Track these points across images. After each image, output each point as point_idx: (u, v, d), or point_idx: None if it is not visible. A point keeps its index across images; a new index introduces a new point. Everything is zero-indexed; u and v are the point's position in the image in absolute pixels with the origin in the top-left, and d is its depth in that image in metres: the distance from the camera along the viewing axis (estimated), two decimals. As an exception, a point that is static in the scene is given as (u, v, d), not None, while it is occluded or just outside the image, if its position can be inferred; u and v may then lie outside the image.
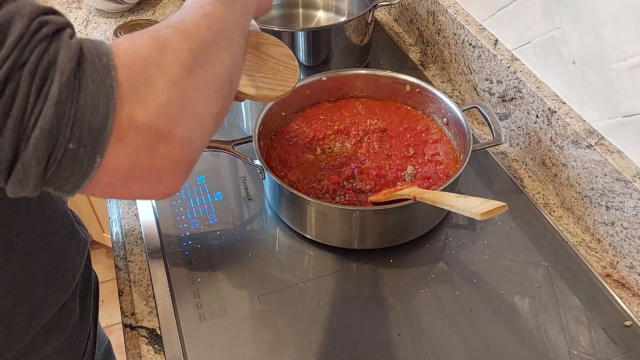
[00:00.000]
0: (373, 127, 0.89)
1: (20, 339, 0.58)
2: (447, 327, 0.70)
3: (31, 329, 0.59)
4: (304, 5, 1.22)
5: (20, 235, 0.54)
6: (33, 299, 0.58)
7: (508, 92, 0.92)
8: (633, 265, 0.74)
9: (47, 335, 0.61)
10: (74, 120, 0.34)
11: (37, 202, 0.56)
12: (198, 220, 0.83)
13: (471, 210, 0.61)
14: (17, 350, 0.58)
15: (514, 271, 0.76)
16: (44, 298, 0.59)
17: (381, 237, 0.77)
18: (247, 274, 0.76)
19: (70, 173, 0.36)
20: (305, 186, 0.80)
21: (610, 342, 0.68)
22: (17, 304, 0.56)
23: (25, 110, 0.33)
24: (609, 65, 0.73)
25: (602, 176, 0.75)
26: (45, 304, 0.60)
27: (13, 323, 0.56)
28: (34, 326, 0.59)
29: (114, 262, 0.81)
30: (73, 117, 0.34)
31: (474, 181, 0.89)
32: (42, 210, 0.57)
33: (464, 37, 1.00)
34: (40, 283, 0.58)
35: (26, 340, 0.58)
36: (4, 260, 0.53)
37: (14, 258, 0.54)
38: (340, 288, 0.75)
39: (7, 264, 0.53)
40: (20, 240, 0.54)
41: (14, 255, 0.54)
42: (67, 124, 0.34)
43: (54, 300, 0.61)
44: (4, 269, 0.53)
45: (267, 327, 0.70)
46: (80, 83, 0.35)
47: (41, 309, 0.59)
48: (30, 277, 0.56)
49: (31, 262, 0.56)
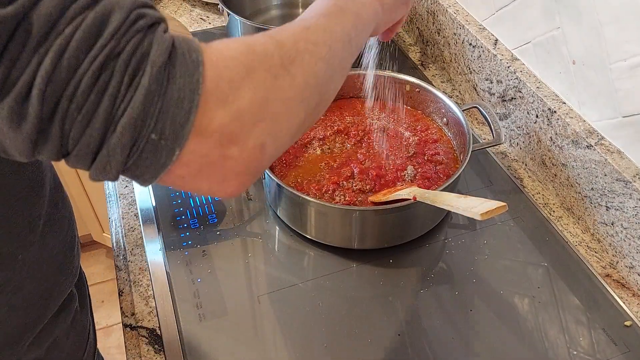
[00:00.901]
0: (373, 127, 0.89)
1: (39, 321, 0.60)
2: (447, 327, 0.70)
3: (47, 312, 0.61)
4: (304, 5, 1.22)
5: (40, 217, 0.55)
6: (48, 283, 0.60)
7: (508, 92, 0.92)
8: (633, 266, 0.74)
9: (57, 318, 0.63)
10: (160, 112, 0.35)
11: (51, 187, 0.58)
12: (198, 220, 0.83)
13: (471, 210, 0.61)
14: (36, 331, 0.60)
15: (514, 271, 0.76)
16: (56, 283, 0.61)
17: (381, 237, 0.77)
18: (247, 274, 0.76)
19: (150, 163, 0.37)
20: (305, 186, 0.80)
21: (610, 343, 0.68)
22: (35, 287, 0.58)
23: (117, 98, 0.34)
24: (609, 65, 0.73)
25: (602, 176, 0.75)
26: (58, 289, 0.62)
27: (32, 305, 0.58)
28: (50, 309, 0.61)
29: (114, 262, 0.81)
30: (159, 108, 0.35)
31: (473, 181, 0.89)
32: (54, 195, 0.59)
33: (464, 37, 1.00)
34: (53, 268, 0.60)
35: (43, 322, 0.61)
36: (27, 241, 0.54)
37: (35, 239, 0.56)
38: (340, 288, 0.75)
39: (30, 245, 0.55)
40: (40, 222, 0.56)
41: (35, 237, 0.55)
42: (153, 115, 0.35)
43: (65, 286, 0.63)
44: (27, 251, 0.55)
45: (267, 327, 0.70)
46: (169, 76, 0.36)
47: (54, 293, 0.61)
48: (47, 262, 0.58)
49: (47, 244, 0.58)
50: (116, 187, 0.91)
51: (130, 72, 0.35)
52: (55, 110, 0.34)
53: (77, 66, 0.33)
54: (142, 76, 0.35)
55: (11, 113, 0.33)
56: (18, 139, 0.34)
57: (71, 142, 0.35)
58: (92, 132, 0.35)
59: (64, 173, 1.63)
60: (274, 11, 1.21)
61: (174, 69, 0.36)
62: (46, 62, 0.33)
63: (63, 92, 0.33)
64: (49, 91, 0.33)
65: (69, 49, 0.33)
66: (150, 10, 0.37)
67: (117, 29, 0.34)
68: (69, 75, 0.33)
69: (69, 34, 0.33)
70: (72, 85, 0.33)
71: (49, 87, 0.33)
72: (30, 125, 0.33)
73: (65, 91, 0.33)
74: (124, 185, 0.90)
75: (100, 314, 1.85)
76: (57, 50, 0.33)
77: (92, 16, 0.34)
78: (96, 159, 0.36)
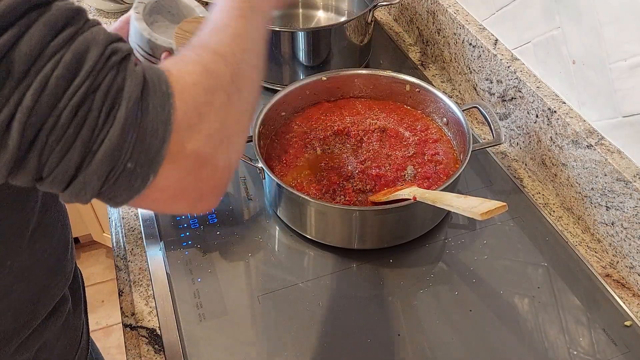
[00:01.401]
0: (373, 127, 0.89)
1: (27, 325, 0.60)
2: (446, 327, 0.70)
3: (37, 316, 0.60)
4: (304, 5, 1.22)
5: (30, 222, 0.55)
6: (38, 288, 0.59)
7: (508, 92, 0.92)
8: (633, 266, 0.74)
9: (47, 321, 0.63)
10: (135, 142, 0.37)
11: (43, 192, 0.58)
12: (198, 220, 0.83)
13: (471, 210, 0.61)
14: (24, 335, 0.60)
15: (514, 271, 0.76)
16: (47, 287, 0.61)
17: (381, 237, 0.77)
18: (247, 274, 0.76)
19: (123, 189, 0.39)
20: (305, 186, 0.80)
21: (610, 343, 0.68)
22: (24, 292, 0.57)
23: (94, 130, 0.36)
24: (609, 65, 0.73)
25: (602, 176, 0.75)
26: (49, 293, 0.62)
27: (21, 310, 0.58)
28: (40, 313, 0.61)
29: (114, 262, 0.81)
30: (135, 139, 0.37)
31: (473, 181, 0.89)
32: (47, 199, 0.59)
33: (464, 37, 1.00)
34: (44, 272, 0.60)
35: (32, 327, 0.60)
36: (16, 246, 0.54)
37: (24, 245, 0.55)
38: (340, 288, 0.75)
39: (19, 251, 0.55)
40: (30, 227, 0.56)
41: (24, 242, 0.55)
42: (129, 145, 0.37)
43: (57, 290, 0.63)
44: (15, 256, 0.55)
45: (267, 327, 0.70)
46: (143, 109, 0.38)
47: (45, 297, 0.61)
48: (36, 266, 0.58)
49: (37, 250, 0.57)
50: (116, 187, 0.90)
51: (107, 106, 0.36)
52: (34, 142, 0.35)
53: (56, 102, 0.35)
54: (119, 110, 0.37)
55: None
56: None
57: (47, 170, 0.36)
58: (69, 162, 0.36)
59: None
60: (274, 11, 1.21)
61: (147, 102, 0.38)
62: (27, 98, 0.34)
63: (42, 126, 0.35)
64: (28, 125, 0.34)
65: (49, 85, 0.34)
66: (121, 43, 0.39)
67: (94, 65, 0.36)
68: (48, 110, 0.35)
69: (49, 70, 0.35)
70: (52, 119, 0.35)
71: (29, 120, 0.34)
72: (8, 155, 0.35)
73: (45, 124, 0.35)
74: (124, 185, 0.90)
75: (100, 314, 1.85)
76: (38, 88, 0.34)
77: (70, 53, 0.35)
78: (71, 185, 0.37)
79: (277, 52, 1.02)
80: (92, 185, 0.38)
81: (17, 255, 0.55)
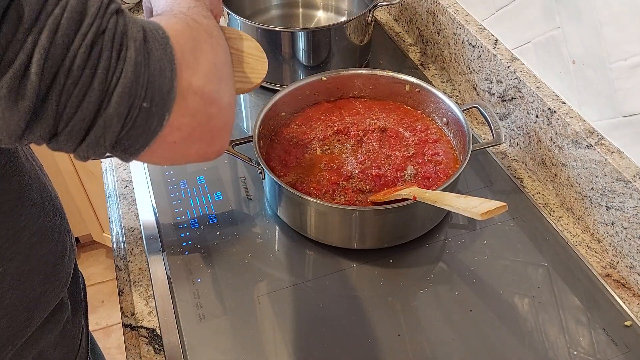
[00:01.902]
0: (373, 127, 0.89)
1: (22, 333, 0.59)
2: (446, 327, 0.70)
3: (32, 323, 0.59)
4: (304, 5, 1.22)
5: (26, 228, 0.55)
6: (33, 294, 0.59)
7: (508, 92, 0.92)
8: (633, 266, 0.74)
9: (44, 329, 0.62)
10: (147, 81, 0.39)
11: (39, 196, 0.57)
12: (198, 220, 0.83)
13: (471, 210, 0.61)
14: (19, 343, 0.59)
15: (514, 271, 0.76)
16: (43, 293, 0.60)
17: (381, 237, 0.77)
18: (247, 274, 0.76)
19: (141, 131, 0.40)
20: (305, 186, 0.80)
21: (610, 343, 0.68)
22: (19, 298, 0.57)
23: (109, 70, 0.37)
24: (609, 65, 0.73)
25: (602, 176, 0.75)
26: (45, 299, 0.61)
27: (15, 317, 0.57)
28: (35, 320, 0.60)
29: (114, 262, 0.81)
30: (147, 79, 0.39)
31: (473, 181, 0.89)
32: (44, 204, 0.58)
33: (464, 37, 1.00)
34: (40, 278, 0.59)
35: (27, 334, 0.59)
36: (10, 252, 0.54)
37: (19, 251, 0.55)
38: (340, 288, 0.75)
39: (13, 257, 0.54)
40: (26, 233, 0.55)
41: (19, 248, 0.55)
42: (143, 84, 0.39)
43: (53, 296, 0.62)
44: (9, 262, 0.54)
45: (267, 327, 0.70)
46: (147, 50, 0.40)
47: (40, 303, 0.60)
48: (32, 272, 0.57)
49: (33, 255, 0.57)
50: (116, 187, 0.91)
51: (116, 47, 0.38)
52: (52, 85, 0.36)
53: (70, 42, 0.36)
54: (128, 50, 0.38)
55: (9, 91, 0.35)
56: (13, 118, 0.36)
57: (64, 119, 0.37)
58: (88, 105, 0.37)
59: (65, 173, 1.63)
60: (273, 11, 1.21)
61: (150, 44, 0.40)
62: (42, 40, 0.35)
63: (60, 67, 0.36)
64: (46, 67, 0.35)
65: (61, 27, 0.36)
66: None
67: (98, 10, 0.38)
68: (64, 51, 0.36)
69: (58, 14, 0.35)
70: (68, 60, 0.36)
71: (47, 63, 0.35)
72: (27, 102, 0.35)
73: (62, 66, 0.36)
74: (124, 186, 0.90)
75: (100, 314, 1.85)
76: (51, 29, 0.35)
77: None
78: (89, 133, 0.38)
79: (277, 52, 1.02)
80: (112, 129, 0.39)
81: (12, 261, 0.54)
